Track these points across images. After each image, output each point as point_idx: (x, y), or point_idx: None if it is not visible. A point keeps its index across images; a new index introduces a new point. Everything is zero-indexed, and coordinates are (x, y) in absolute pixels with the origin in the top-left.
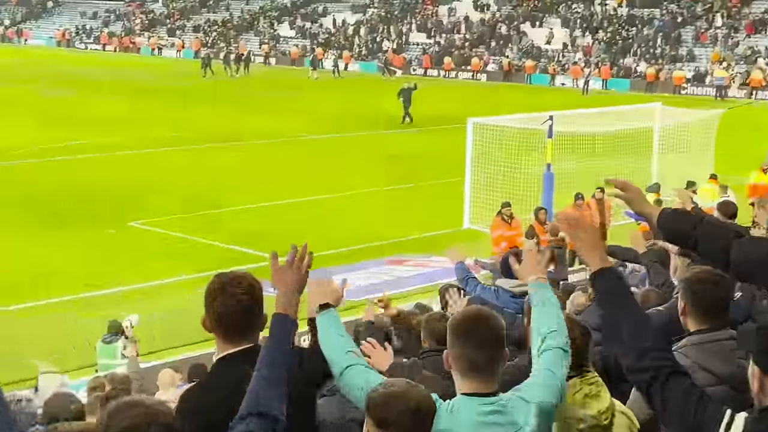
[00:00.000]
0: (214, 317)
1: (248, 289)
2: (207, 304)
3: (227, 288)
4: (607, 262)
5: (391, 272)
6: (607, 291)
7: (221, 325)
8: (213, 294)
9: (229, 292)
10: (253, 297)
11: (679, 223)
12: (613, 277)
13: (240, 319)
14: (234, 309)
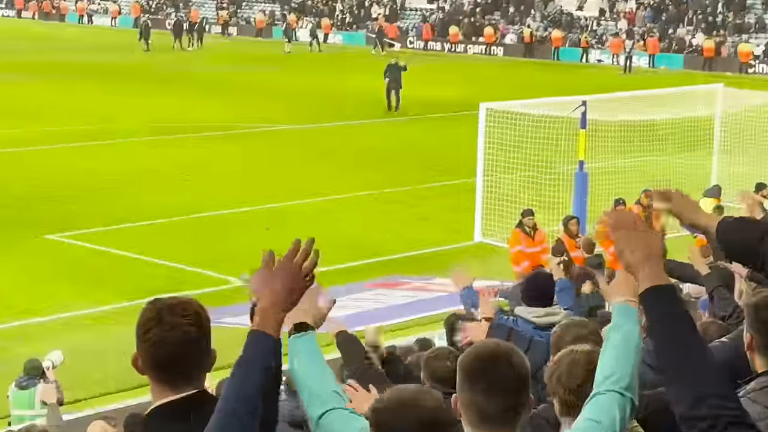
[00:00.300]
0: (148, 354)
1: (194, 318)
2: (139, 338)
3: (166, 317)
4: (663, 278)
5: (384, 298)
6: (662, 316)
7: (157, 364)
8: (147, 324)
9: (168, 321)
10: (201, 328)
11: (743, 236)
12: (671, 299)
13: (183, 356)
14: (175, 344)
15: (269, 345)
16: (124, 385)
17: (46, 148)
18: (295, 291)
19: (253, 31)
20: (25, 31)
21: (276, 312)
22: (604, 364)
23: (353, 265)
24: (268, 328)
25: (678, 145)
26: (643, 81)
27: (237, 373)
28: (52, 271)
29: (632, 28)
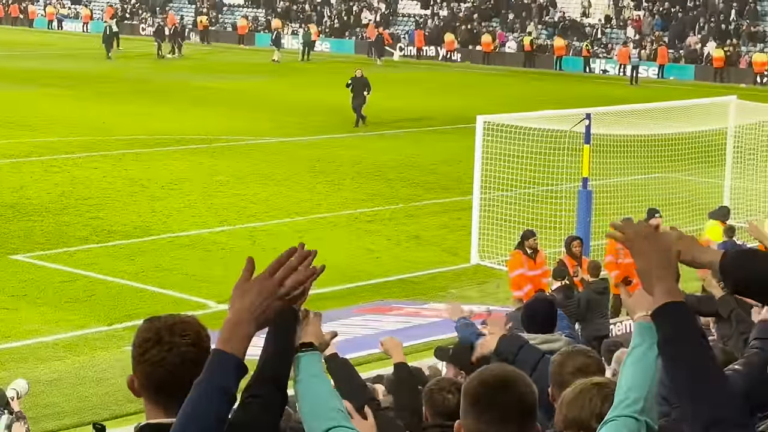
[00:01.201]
0: (145, 375)
1: (194, 337)
2: (135, 358)
3: (164, 336)
4: (677, 295)
5: (374, 323)
6: (674, 335)
7: (155, 385)
8: (144, 344)
9: (167, 341)
10: (201, 348)
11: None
12: (684, 316)
13: (181, 377)
14: (174, 364)
15: (233, 366)
16: (102, 415)
17: (14, 162)
18: (267, 309)
19: (235, 37)
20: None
21: (243, 328)
22: (620, 386)
23: (340, 288)
24: (231, 346)
25: (688, 161)
26: (651, 93)
27: (194, 397)
28: (19, 293)
29: (640, 37)
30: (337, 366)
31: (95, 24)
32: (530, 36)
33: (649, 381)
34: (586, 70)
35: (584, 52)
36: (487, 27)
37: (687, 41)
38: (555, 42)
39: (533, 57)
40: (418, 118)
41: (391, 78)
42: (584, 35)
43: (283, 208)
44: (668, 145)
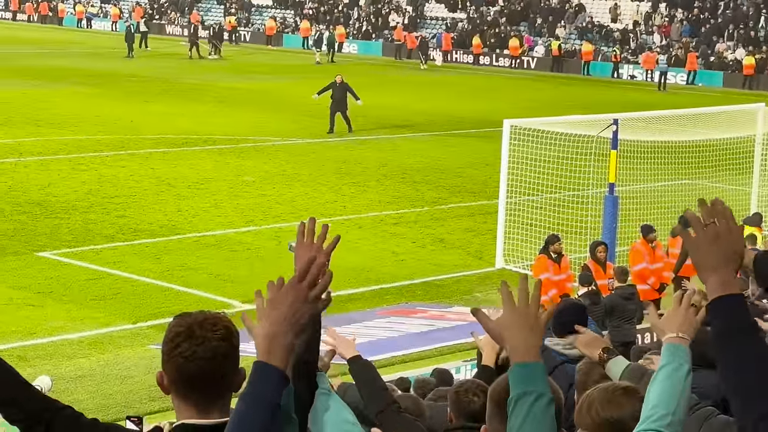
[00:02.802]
0: (176, 370)
1: (225, 332)
2: (166, 354)
3: (196, 331)
4: (734, 286)
5: (398, 326)
6: (728, 327)
7: (187, 380)
8: (175, 339)
9: (198, 335)
10: (231, 344)
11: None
12: (739, 309)
13: (213, 372)
14: (206, 358)
15: (277, 379)
16: (126, 413)
17: (44, 160)
18: (303, 316)
19: (263, 38)
20: (18, 36)
21: (282, 339)
22: (648, 402)
23: (365, 290)
24: (273, 358)
25: (715, 168)
26: (679, 99)
27: (240, 410)
28: (45, 290)
29: (669, 42)
30: (360, 369)
31: (124, 23)
32: (558, 40)
33: (676, 399)
34: (614, 75)
35: (612, 58)
36: (515, 31)
37: (716, 48)
38: (583, 47)
39: (561, 61)
40: (445, 121)
41: (418, 81)
42: (613, 40)
43: (309, 209)
44: (696, 152)
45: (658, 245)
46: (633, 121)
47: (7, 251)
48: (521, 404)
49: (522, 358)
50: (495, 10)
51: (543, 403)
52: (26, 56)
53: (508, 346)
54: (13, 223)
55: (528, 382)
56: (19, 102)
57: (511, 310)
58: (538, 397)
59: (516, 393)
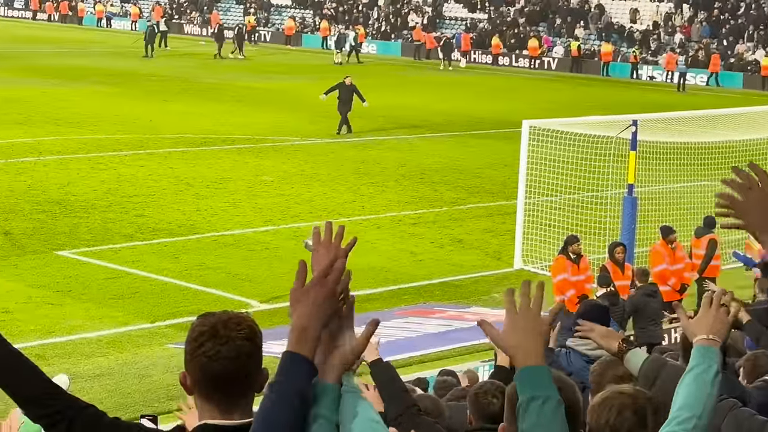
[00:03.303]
0: (200, 369)
1: (248, 332)
2: (190, 353)
3: (220, 330)
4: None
5: (416, 326)
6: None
7: (210, 380)
8: (199, 339)
9: (222, 335)
10: (254, 343)
11: None
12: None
13: (236, 372)
14: (230, 358)
15: (306, 369)
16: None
17: (64, 159)
18: (329, 310)
19: (282, 38)
20: (36, 35)
21: (313, 331)
22: (675, 404)
23: (383, 290)
24: (305, 349)
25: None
26: (699, 100)
27: (270, 398)
28: (64, 289)
29: (688, 43)
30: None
31: (143, 23)
32: (578, 41)
33: (703, 401)
34: (633, 76)
35: (632, 58)
36: (534, 31)
37: (736, 49)
38: (602, 48)
39: (580, 62)
40: (464, 122)
41: (437, 81)
42: (632, 41)
43: (327, 209)
44: (715, 153)
45: (679, 246)
46: (652, 122)
47: (27, 250)
48: (530, 409)
49: (525, 362)
50: (515, 10)
51: (551, 406)
52: (46, 55)
53: (511, 352)
54: (32, 222)
55: (534, 386)
56: (39, 101)
57: (513, 317)
58: (546, 400)
59: (524, 398)
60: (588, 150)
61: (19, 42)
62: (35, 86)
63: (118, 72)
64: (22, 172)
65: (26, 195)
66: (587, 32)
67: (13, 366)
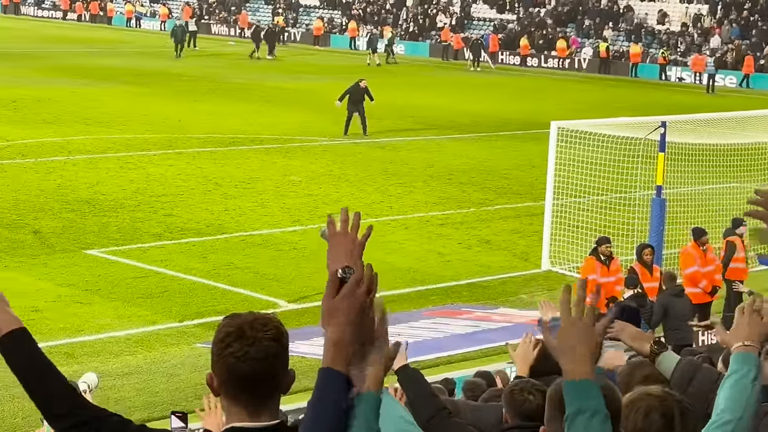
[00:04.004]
0: (227, 370)
1: (275, 332)
2: (217, 354)
3: (247, 331)
4: None
5: (443, 327)
6: None
7: (238, 381)
8: (226, 340)
9: (249, 336)
10: (281, 344)
11: None
12: None
13: (264, 372)
14: (257, 359)
15: (342, 383)
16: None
17: (92, 158)
18: (363, 321)
19: (310, 38)
20: (67, 34)
21: (348, 345)
22: (716, 408)
23: (410, 291)
24: (341, 365)
25: (765, 172)
26: (728, 102)
27: (312, 415)
28: (92, 288)
29: (716, 45)
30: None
31: (172, 23)
32: (606, 42)
33: (743, 405)
34: (662, 77)
35: (660, 60)
36: (563, 32)
37: (765, 50)
38: (631, 49)
39: (609, 63)
40: (492, 123)
41: (465, 82)
42: (661, 42)
43: (355, 209)
44: (744, 155)
45: (710, 248)
46: (681, 123)
47: (56, 249)
48: (577, 422)
49: (574, 374)
50: (544, 12)
51: (598, 420)
52: (76, 55)
53: (561, 361)
54: (61, 221)
55: (582, 398)
56: (69, 101)
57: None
58: (594, 414)
59: (572, 410)
60: (616, 151)
61: (48, 42)
62: (65, 86)
63: (147, 72)
64: (51, 171)
65: (56, 194)
66: (616, 33)
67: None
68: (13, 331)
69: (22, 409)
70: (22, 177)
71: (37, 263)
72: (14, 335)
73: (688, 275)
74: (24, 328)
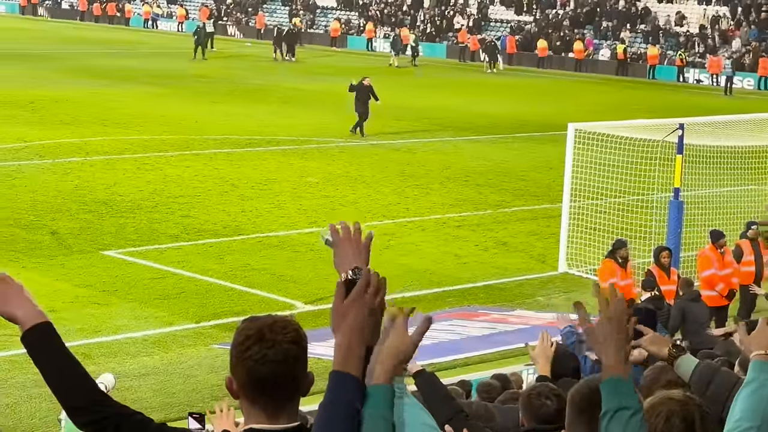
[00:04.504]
0: (246, 373)
1: (294, 335)
2: (236, 357)
3: (267, 334)
4: None
5: (460, 329)
6: None
7: (257, 384)
8: (245, 342)
9: (269, 338)
10: (300, 346)
11: None
12: None
13: (283, 375)
14: (277, 361)
15: (354, 386)
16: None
17: (109, 159)
18: (370, 325)
19: (327, 39)
20: (85, 36)
21: (358, 348)
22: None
23: (427, 292)
24: (351, 367)
25: None
26: (746, 104)
27: (323, 416)
28: (109, 289)
29: (735, 47)
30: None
31: (190, 24)
32: (623, 44)
33: (761, 413)
34: (679, 79)
35: (678, 62)
36: (579, 33)
37: None
38: (649, 51)
39: (626, 65)
40: (509, 124)
41: (482, 83)
42: (678, 44)
43: (372, 210)
44: (763, 157)
45: (727, 251)
46: (699, 125)
47: (73, 249)
48: (616, 419)
49: (615, 372)
50: (561, 13)
51: (638, 419)
52: (93, 56)
53: (602, 358)
54: (79, 221)
55: (622, 397)
56: (87, 102)
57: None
58: (634, 413)
59: (610, 407)
60: (634, 153)
61: (67, 43)
62: (83, 87)
63: (164, 73)
64: (69, 172)
65: (73, 195)
66: (633, 35)
67: (66, 375)
68: (37, 325)
69: (39, 410)
70: (40, 178)
71: (55, 264)
72: (38, 329)
73: (705, 278)
74: (49, 322)
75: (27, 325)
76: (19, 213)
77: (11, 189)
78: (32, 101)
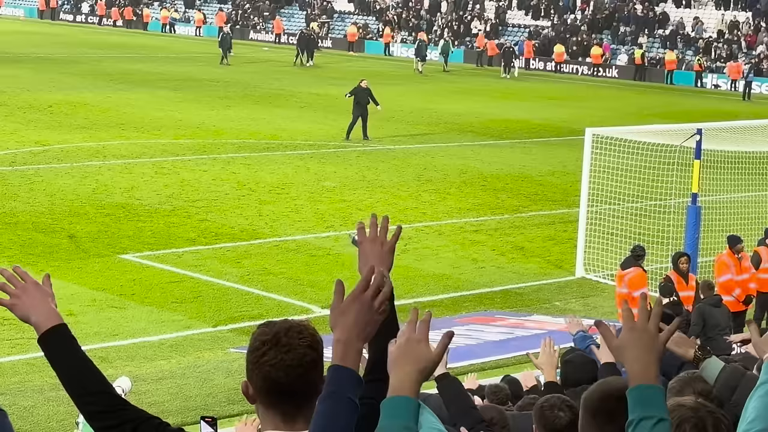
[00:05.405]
0: (263, 378)
1: (311, 340)
2: (252, 362)
3: (283, 338)
4: None
5: (477, 334)
6: None
7: (273, 388)
8: (261, 348)
9: (285, 343)
10: (317, 351)
11: None
12: None
13: (300, 380)
14: (293, 366)
15: (352, 379)
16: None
17: (128, 163)
18: (369, 323)
19: (345, 44)
20: (103, 40)
21: (354, 346)
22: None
23: (444, 297)
24: (349, 362)
25: None
26: (764, 109)
27: (324, 407)
28: (127, 292)
29: (752, 52)
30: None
31: (208, 28)
32: (641, 49)
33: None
34: (697, 84)
35: (696, 67)
36: (596, 38)
37: None
38: (666, 56)
39: (644, 70)
40: (526, 129)
41: (499, 88)
42: (696, 49)
43: (389, 215)
44: None
45: (745, 257)
46: (717, 130)
47: (91, 253)
48: (641, 428)
49: (640, 380)
50: (579, 18)
51: (663, 428)
52: (111, 60)
53: (627, 367)
54: (96, 225)
55: (648, 405)
56: (105, 106)
57: (630, 329)
58: (659, 421)
59: (636, 416)
60: (651, 158)
61: (85, 47)
62: (101, 91)
63: (182, 77)
64: (87, 175)
65: (91, 198)
66: (651, 40)
67: (82, 378)
68: (54, 328)
69: (56, 413)
70: (58, 182)
71: (72, 267)
72: (55, 332)
73: (722, 283)
74: (64, 325)
75: (43, 328)
76: (37, 217)
77: (29, 193)
78: (50, 105)
